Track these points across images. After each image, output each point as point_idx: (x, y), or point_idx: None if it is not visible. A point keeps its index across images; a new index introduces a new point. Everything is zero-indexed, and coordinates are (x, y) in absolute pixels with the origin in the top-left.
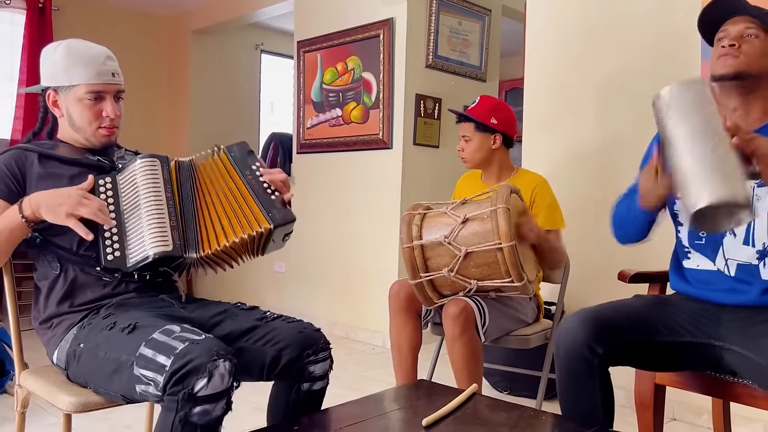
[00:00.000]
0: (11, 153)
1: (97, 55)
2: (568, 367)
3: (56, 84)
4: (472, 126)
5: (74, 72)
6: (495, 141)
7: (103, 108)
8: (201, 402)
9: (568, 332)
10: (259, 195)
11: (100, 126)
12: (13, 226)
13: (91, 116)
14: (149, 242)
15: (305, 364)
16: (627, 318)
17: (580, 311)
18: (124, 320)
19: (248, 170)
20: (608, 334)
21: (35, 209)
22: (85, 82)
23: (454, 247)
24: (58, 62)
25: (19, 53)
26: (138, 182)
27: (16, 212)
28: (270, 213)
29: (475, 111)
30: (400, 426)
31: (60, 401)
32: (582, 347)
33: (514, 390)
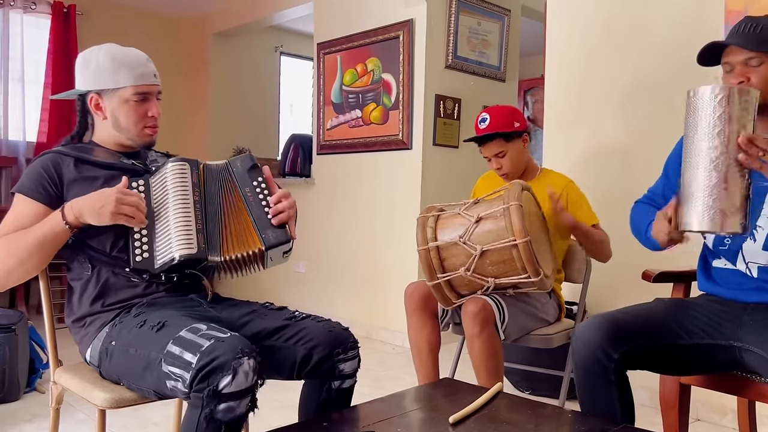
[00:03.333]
0: (48, 157)
1: (139, 58)
2: (585, 371)
3: (101, 87)
4: (502, 140)
5: (120, 74)
6: (525, 141)
7: (148, 108)
8: (226, 399)
9: (583, 336)
10: (255, 214)
11: (146, 126)
12: (56, 231)
13: (137, 117)
14: (175, 244)
15: (335, 363)
16: (644, 322)
17: (596, 316)
18: (153, 318)
19: (248, 187)
20: (623, 338)
21: (78, 215)
22: (131, 84)
23: (469, 247)
24: (102, 66)
25: (44, 57)
26: (168, 185)
27: (59, 219)
28: (263, 234)
29: (495, 125)
30: (427, 423)
31: (95, 397)
32: (597, 351)
33: (535, 390)
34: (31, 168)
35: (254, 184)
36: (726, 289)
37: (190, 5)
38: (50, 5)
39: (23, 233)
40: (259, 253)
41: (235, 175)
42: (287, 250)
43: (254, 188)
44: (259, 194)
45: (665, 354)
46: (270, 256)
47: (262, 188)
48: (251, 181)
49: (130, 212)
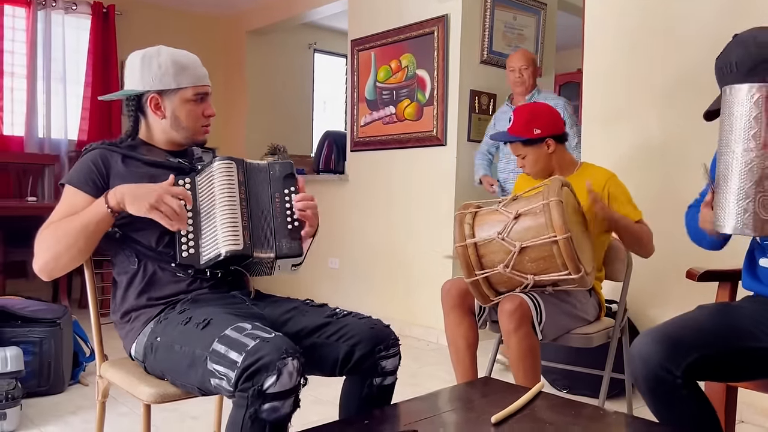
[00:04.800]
0: (97, 151)
1: (195, 60)
2: (652, 391)
3: (163, 87)
4: (519, 144)
5: (182, 76)
6: (549, 146)
7: (205, 108)
8: (270, 399)
9: (641, 356)
10: (276, 221)
11: (203, 125)
12: (99, 217)
13: (196, 116)
14: (222, 241)
15: (377, 360)
16: (696, 332)
17: (648, 332)
18: (198, 316)
19: (278, 193)
20: (681, 352)
21: (119, 200)
22: (191, 84)
23: (508, 243)
24: (165, 67)
25: (84, 57)
26: (215, 183)
27: (102, 203)
28: (277, 242)
29: (515, 129)
30: (469, 422)
31: (140, 392)
32: (658, 370)
33: (573, 389)
34: (81, 161)
35: (285, 192)
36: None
37: (226, 3)
38: (90, 6)
39: (68, 220)
40: (268, 259)
41: (271, 178)
42: (297, 263)
43: (284, 196)
44: (286, 203)
45: (725, 362)
46: (278, 264)
47: (292, 198)
48: (283, 188)
49: (168, 211)
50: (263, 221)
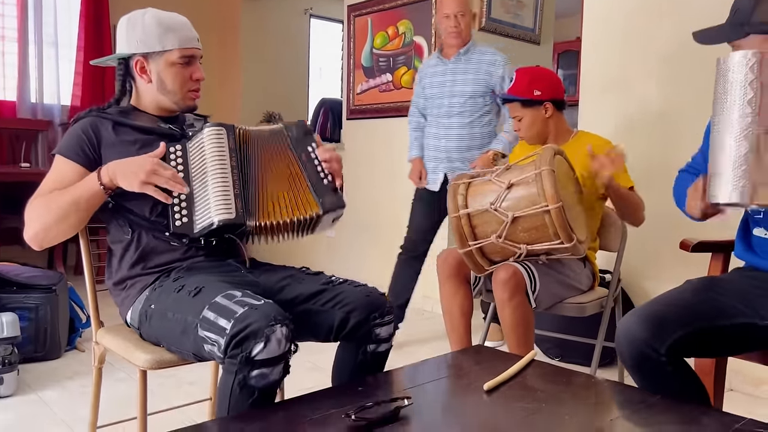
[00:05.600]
0: (88, 120)
1: (183, 22)
2: (638, 369)
3: (147, 50)
4: (519, 104)
5: (167, 38)
6: (546, 110)
7: (193, 72)
8: (258, 366)
9: (626, 336)
10: (312, 179)
11: (190, 90)
12: (91, 193)
13: (183, 80)
14: (214, 209)
15: (372, 327)
16: (681, 309)
17: (633, 312)
18: (191, 283)
19: (304, 152)
20: (665, 331)
21: (112, 177)
22: (177, 47)
23: (500, 213)
24: (149, 29)
25: (76, 21)
26: (205, 150)
27: (95, 180)
28: (321, 199)
29: (516, 89)
30: (461, 389)
31: (136, 358)
32: (644, 348)
33: (565, 357)
34: (71, 130)
35: (309, 149)
36: (765, 260)
37: None
38: None
39: (61, 193)
40: (315, 217)
41: (292, 140)
42: (338, 216)
43: (309, 153)
44: (314, 159)
45: (708, 339)
46: (323, 220)
47: (316, 154)
48: (306, 146)
49: (163, 184)
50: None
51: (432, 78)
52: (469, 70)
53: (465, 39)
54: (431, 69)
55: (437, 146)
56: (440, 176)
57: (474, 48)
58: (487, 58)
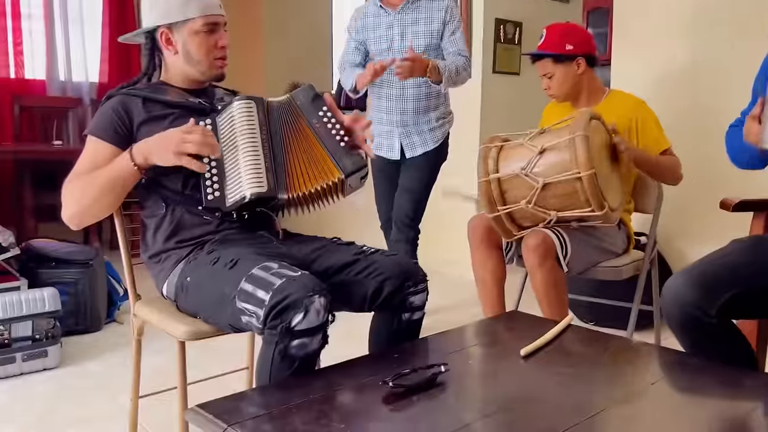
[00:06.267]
0: (118, 99)
1: None
2: (686, 332)
3: (171, 20)
4: (550, 61)
5: (189, 7)
6: (579, 66)
7: (218, 39)
8: (298, 336)
9: (674, 298)
10: (328, 144)
11: (216, 58)
12: (126, 173)
13: (208, 48)
14: (246, 183)
15: (406, 295)
16: (731, 271)
17: (681, 273)
18: (226, 255)
19: (315, 118)
20: (715, 293)
21: (146, 156)
22: (200, 14)
23: (531, 179)
24: (171, 0)
25: None
26: (235, 124)
27: (128, 161)
28: (340, 162)
29: (547, 45)
30: (498, 355)
31: (174, 330)
32: (693, 310)
33: (599, 321)
34: (102, 110)
35: (320, 114)
36: None
37: None
38: None
39: (96, 174)
40: (339, 182)
41: (301, 108)
42: (364, 175)
43: (321, 118)
44: (327, 123)
45: (758, 300)
46: (349, 183)
47: (329, 117)
48: (317, 111)
49: (195, 150)
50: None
51: (375, 32)
52: (419, 19)
53: None
54: (372, 20)
55: (390, 109)
56: (396, 143)
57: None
58: (437, 3)
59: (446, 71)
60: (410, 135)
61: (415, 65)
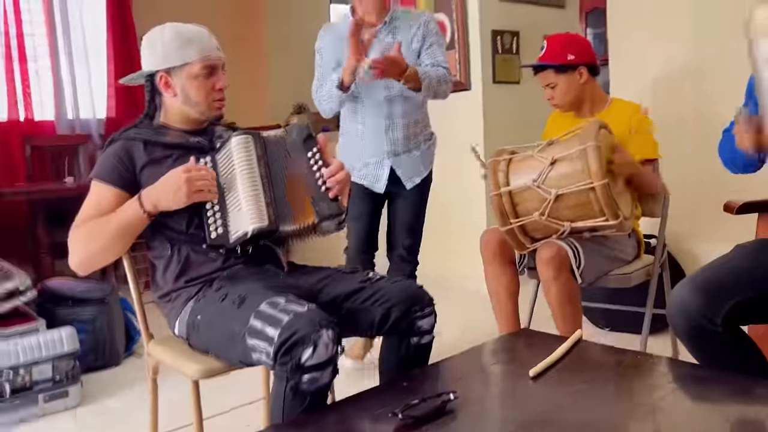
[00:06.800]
0: (120, 143)
1: (200, 33)
2: (693, 341)
3: (169, 65)
4: (552, 71)
5: (187, 50)
6: (581, 75)
7: (216, 81)
8: (309, 371)
9: (680, 307)
10: (310, 185)
11: (215, 99)
12: (135, 221)
13: (206, 90)
14: (247, 218)
15: (413, 320)
16: (735, 277)
17: (686, 281)
18: (234, 292)
19: (303, 158)
20: (720, 300)
21: (155, 203)
22: (197, 58)
23: (543, 191)
24: (168, 44)
25: (104, 33)
26: (234, 160)
27: (137, 208)
28: (317, 206)
29: (548, 55)
30: (507, 377)
31: (187, 369)
32: (699, 319)
33: (615, 327)
34: (105, 155)
35: (309, 155)
36: None
37: None
38: None
39: (105, 220)
40: (312, 225)
41: (292, 145)
42: (341, 221)
43: (308, 159)
44: (313, 165)
45: (764, 305)
46: (324, 227)
47: (317, 159)
48: (306, 152)
49: (204, 186)
50: (287, 193)
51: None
52: (402, 40)
53: (386, 2)
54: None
55: (379, 139)
56: (385, 174)
57: (398, 11)
58: (414, 21)
59: (426, 78)
60: (402, 164)
61: (394, 65)
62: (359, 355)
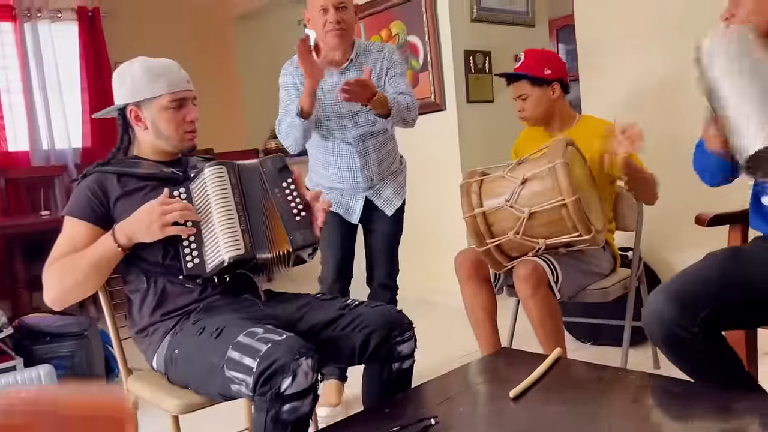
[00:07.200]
0: (93, 177)
1: (171, 67)
2: (671, 349)
3: (139, 98)
4: (527, 83)
5: (156, 84)
6: (554, 91)
7: (186, 114)
8: (289, 400)
9: (655, 316)
10: (285, 216)
11: (186, 131)
12: (110, 255)
13: (176, 123)
14: (223, 247)
15: (393, 345)
16: (708, 285)
17: (659, 290)
18: (211, 324)
19: (278, 188)
20: (695, 308)
21: (129, 236)
22: (167, 91)
23: (516, 210)
24: (137, 78)
25: (77, 62)
26: (208, 190)
27: (111, 242)
28: (291, 235)
29: (526, 67)
30: (488, 399)
31: (167, 404)
32: (674, 328)
33: (597, 340)
34: (78, 190)
35: (284, 185)
36: None
37: None
38: (75, 11)
39: (79, 256)
40: (287, 254)
41: (266, 175)
42: (312, 251)
43: (283, 189)
44: (288, 195)
45: (739, 311)
46: (296, 255)
47: (292, 189)
48: (281, 182)
49: (179, 218)
50: (263, 222)
51: (320, 92)
52: None
53: (351, 38)
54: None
55: (354, 175)
56: (359, 205)
57: (361, 46)
58: (381, 54)
59: (395, 104)
60: (380, 192)
61: (365, 88)
62: (332, 402)
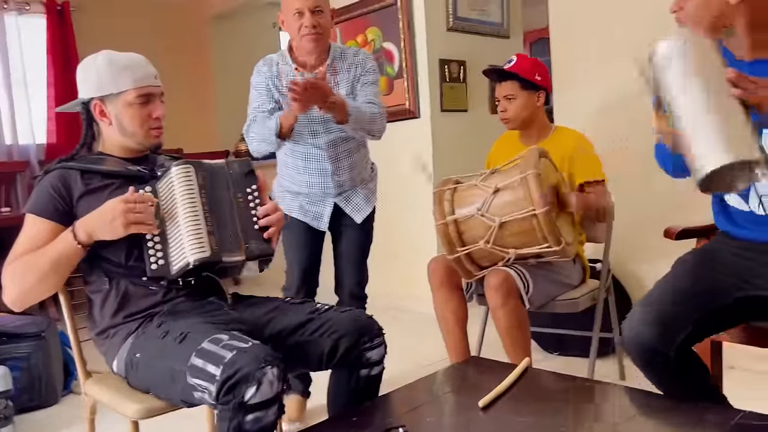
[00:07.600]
0: (56, 173)
1: (138, 61)
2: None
3: (103, 93)
4: (517, 84)
5: (121, 79)
6: (539, 98)
7: (152, 110)
8: (252, 410)
9: (636, 339)
10: (244, 222)
11: (151, 128)
12: (69, 253)
13: (141, 119)
14: (189, 249)
15: (362, 351)
16: (684, 305)
17: (637, 312)
18: (175, 329)
19: (241, 192)
20: (673, 332)
21: (90, 233)
22: (132, 86)
23: (487, 219)
24: (102, 72)
25: (44, 57)
26: (175, 190)
27: (71, 239)
28: (247, 244)
29: (518, 68)
30: (457, 408)
31: (126, 409)
32: (652, 351)
33: (563, 351)
34: (40, 186)
35: (247, 191)
36: (743, 230)
37: None
38: (44, 4)
39: (39, 254)
40: (240, 263)
41: (231, 177)
42: (266, 262)
43: (246, 195)
44: (249, 202)
45: (711, 324)
46: (249, 266)
47: (255, 196)
48: (245, 187)
49: (142, 218)
50: (228, 224)
51: None
52: (339, 82)
53: (326, 43)
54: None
55: (324, 181)
56: (327, 211)
57: (337, 50)
58: (356, 59)
59: (355, 112)
60: (349, 198)
61: (315, 89)
62: (295, 417)
